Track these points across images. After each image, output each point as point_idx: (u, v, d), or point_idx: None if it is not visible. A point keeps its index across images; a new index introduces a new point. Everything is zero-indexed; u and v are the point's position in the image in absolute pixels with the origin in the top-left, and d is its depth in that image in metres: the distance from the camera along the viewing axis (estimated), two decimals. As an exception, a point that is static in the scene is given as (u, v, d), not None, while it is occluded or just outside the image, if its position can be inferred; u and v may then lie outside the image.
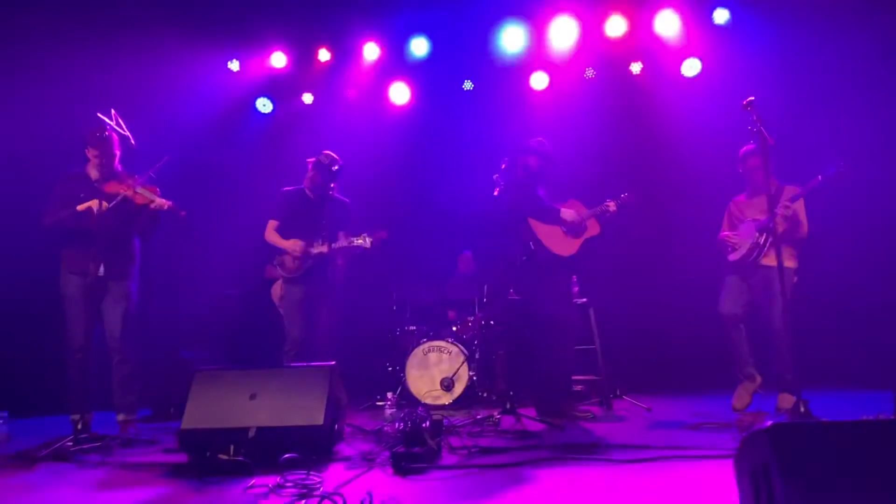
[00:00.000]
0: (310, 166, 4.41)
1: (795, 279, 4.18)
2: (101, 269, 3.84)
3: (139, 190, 3.86)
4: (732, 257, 4.34)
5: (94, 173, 3.97)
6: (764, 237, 4.18)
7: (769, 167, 3.46)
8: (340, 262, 4.67)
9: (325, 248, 4.24)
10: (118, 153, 3.98)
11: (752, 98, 3.43)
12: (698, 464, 2.63)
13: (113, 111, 3.74)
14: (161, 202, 3.89)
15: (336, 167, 4.31)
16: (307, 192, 4.46)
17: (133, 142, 4.04)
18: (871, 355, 4.70)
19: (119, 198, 3.77)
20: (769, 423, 1.46)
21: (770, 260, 4.19)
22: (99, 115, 3.69)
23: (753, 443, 1.53)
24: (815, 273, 4.83)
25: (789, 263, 4.14)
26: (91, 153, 3.90)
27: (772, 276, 4.16)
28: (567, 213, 4.32)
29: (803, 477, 1.40)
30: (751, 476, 1.53)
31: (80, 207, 3.73)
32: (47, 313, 5.27)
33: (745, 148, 4.34)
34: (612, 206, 4.34)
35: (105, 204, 3.73)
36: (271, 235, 4.43)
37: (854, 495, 1.40)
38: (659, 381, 5.85)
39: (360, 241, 4.20)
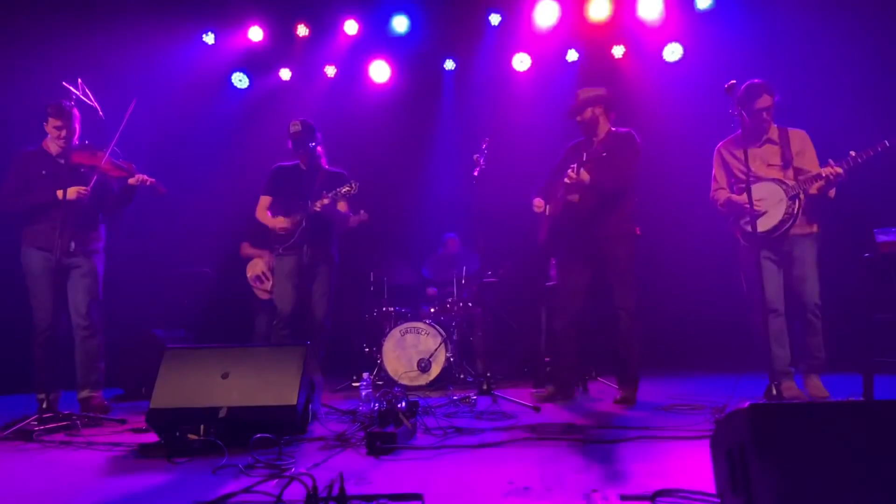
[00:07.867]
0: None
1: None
2: (73, 245, 3.77)
3: (114, 163, 3.79)
4: (757, 228, 3.46)
5: (53, 148, 3.84)
6: (797, 203, 3.52)
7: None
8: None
9: (297, 217, 4.17)
10: (79, 128, 3.86)
11: (734, 81, 3.41)
12: (673, 444, 2.65)
13: (80, 80, 3.59)
14: (142, 177, 3.83)
15: (297, 128, 4.20)
16: (301, 166, 4.38)
17: (101, 114, 3.92)
18: (841, 340, 4.78)
19: (95, 172, 3.69)
20: (747, 403, 1.45)
21: (798, 228, 3.68)
22: (65, 84, 3.55)
23: (731, 423, 1.53)
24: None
25: (812, 228, 3.77)
26: (53, 123, 3.77)
27: (803, 247, 3.70)
28: (538, 204, 4.23)
29: (779, 457, 1.40)
30: (727, 455, 1.53)
31: (60, 194, 3.51)
32: (9, 291, 5.13)
33: (751, 81, 3.70)
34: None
35: (85, 191, 3.65)
36: (260, 212, 4.36)
37: (827, 476, 1.40)
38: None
39: (346, 188, 4.12)
